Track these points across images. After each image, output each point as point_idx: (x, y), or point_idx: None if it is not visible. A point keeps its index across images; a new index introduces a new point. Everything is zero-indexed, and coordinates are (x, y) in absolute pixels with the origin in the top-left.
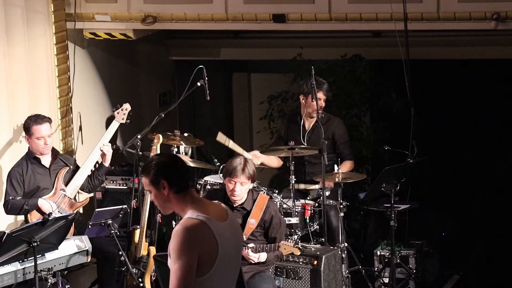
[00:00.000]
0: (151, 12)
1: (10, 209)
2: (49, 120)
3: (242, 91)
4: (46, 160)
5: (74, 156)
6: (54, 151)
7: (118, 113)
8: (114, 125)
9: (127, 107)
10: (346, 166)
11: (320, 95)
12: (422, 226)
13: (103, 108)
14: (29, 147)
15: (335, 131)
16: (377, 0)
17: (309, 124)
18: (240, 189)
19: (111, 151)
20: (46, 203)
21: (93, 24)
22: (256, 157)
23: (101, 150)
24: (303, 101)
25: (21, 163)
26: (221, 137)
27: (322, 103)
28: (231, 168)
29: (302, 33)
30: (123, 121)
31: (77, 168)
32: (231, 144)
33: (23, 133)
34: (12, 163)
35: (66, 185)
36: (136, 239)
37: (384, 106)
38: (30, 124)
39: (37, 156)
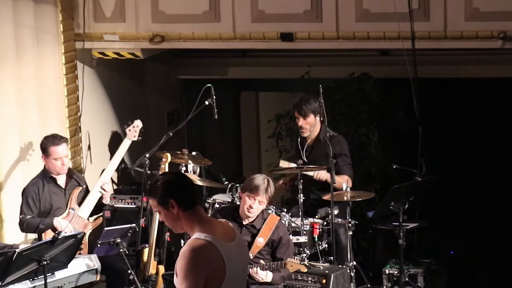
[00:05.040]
0: (159, 32)
1: (25, 227)
2: (66, 140)
3: (250, 110)
4: (61, 180)
5: (83, 175)
6: (69, 170)
7: (129, 130)
8: (126, 143)
9: (138, 123)
10: (338, 179)
11: (296, 113)
12: (431, 244)
13: (112, 127)
14: (45, 166)
15: (336, 146)
16: (384, 19)
17: (311, 141)
18: (257, 207)
19: (111, 189)
20: (61, 223)
21: (102, 43)
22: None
23: (101, 190)
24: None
25: (37, 181)
26: (284, 164)
27: (301, 123)
28: (253, 185)
29: (310, 52)
30: (135, 139)
31: (88, 187)
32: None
33: (33, 152)
34: (22, 181)
35: (79, 205)
36: (145, 258)
37: (392, 125)
38: (48, 145)
39: (53, 176)
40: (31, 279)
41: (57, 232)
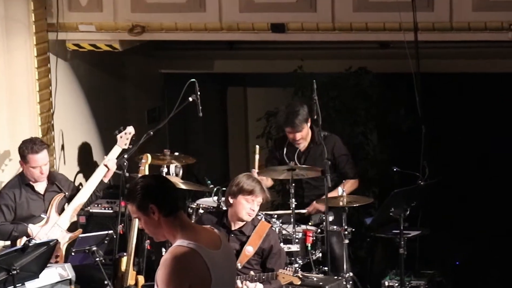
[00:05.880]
0: (139, 22)
1: None
2: (46, 147)
3: (237, 107)
4: (40, 186)
5: None
6: (51, 175)
7: (121, 137)
8: (116, 151)
9: (130, 130)
10: (346, 186)
11: (289, 129)
12: (434, 254)
13: (87, 126)
14: (23, 170)
15: (333, 147)
16: (384, 9)
17: (303, 145)
18: (257, 208)
19: (115, 167)
20: (34, 230)
21: (77, 34)
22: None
23: (105, 165)
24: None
25: (14, 186)
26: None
27: (297, 138)
28: (249, 187)
29: (303, 44)
30: (126, 147)
31: (76, 192)
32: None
33: (1, 154)
34: None
35: (60, 213)
36: (123, 267)
37: (392, 123)
38: (26, 152)
39: (31, 183)
40: None
41: (28, 239)
